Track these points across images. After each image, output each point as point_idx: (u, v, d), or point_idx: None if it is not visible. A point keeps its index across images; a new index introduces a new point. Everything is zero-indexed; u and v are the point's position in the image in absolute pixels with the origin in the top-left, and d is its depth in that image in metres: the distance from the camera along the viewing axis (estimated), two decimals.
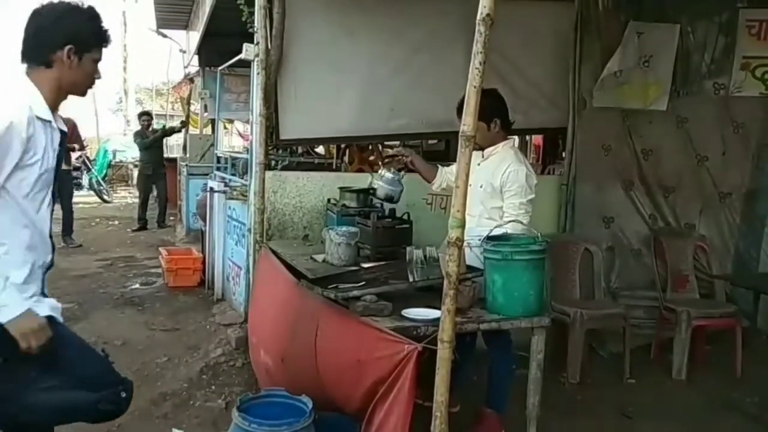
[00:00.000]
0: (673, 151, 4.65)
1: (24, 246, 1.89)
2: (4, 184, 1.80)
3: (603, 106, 4.52)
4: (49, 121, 1.89)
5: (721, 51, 4.62)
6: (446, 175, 3.44)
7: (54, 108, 1.94)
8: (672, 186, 4.66)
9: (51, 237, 1.98)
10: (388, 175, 3.36)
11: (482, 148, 3.18)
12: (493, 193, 3.12)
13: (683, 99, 4.63)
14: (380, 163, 3.50)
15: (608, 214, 4.61)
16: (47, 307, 1.95)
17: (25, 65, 1.93)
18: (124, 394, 2.10)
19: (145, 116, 10.22)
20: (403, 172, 3.41)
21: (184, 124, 10.91)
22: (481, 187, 3.12)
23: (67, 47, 1.88)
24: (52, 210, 1.98)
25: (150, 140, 9.56)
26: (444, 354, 2.01)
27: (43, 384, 1.97)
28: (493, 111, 3.14)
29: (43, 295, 2.01)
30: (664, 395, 3.82)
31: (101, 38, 1.97)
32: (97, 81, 2.01)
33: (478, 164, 3.16)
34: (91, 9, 1.97)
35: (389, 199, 3.41)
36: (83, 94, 2.03)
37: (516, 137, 9.58)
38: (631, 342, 4.02)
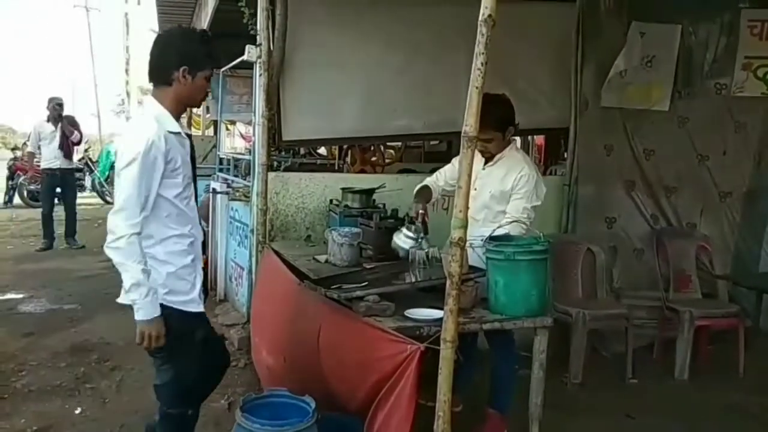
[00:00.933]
0: (675, 151, 4.65)
1: (186, 236, 2.26)
2: (159, 191, 2.14)
3: (606, 107, 4.53)
4: (179, 132, 2.21)
5: (722, 51, 4.62)
6: (438, 187, 3.34)
7: (176, 119, 2.26)
8: (673, 186, 4.67)
9: (199, 218, 2.37)
10: (408, 234, 2.99)
11: (493, 156, 3.14)
12: (501, 197, 3.08)
13: (685, 99, 4.63)
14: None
15: (610, 214, 4.61)
16: (202, 306, 2.35)
17: (152, 85, 2.28)
18: None
19: None
20: (419, 227, 3.00)
21: None
22: (489, 192, 3.09)
23: (182, 68, 2.18)
24: (196, 199, 2.38)
25: None
26: (446, 354, 2.02)
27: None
28: (508, 119, 3.09)
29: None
30: (667, 395, 3.81)
31: (211, 58, 2.26)
32: (209, 92, 2.36)
33: (483, 169, 3.13)
34: (202, 33, 2.31)
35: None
36: (198, 105, 2.48)
37: (518, 138, 9.59)
38: (634, 342, 4.02)
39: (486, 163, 3.15)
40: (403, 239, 2.99)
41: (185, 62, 2.18)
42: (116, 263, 2.11)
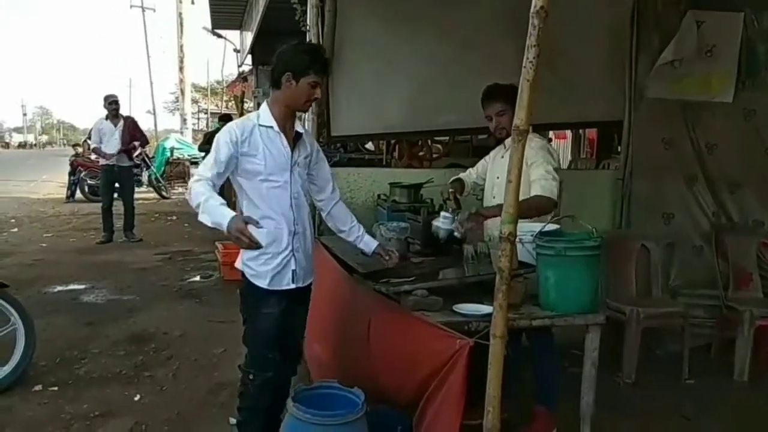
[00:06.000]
0: (740, 145, 4.43)
1: (259, 214, 2.52)
2: (239, 171, 2.52)
3: (661, 98, 4.38)
4: (270, 126, 2.55)
5: None
6: (470, 181, 3.50)
7: (284, 119, 2.58)
8: (738, 182, 4.46)
9: (293, 207, 2.59)
10: (445, 214, 3.13)
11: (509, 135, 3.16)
12: (524, 180, 3.05)
13: (749, 90, 4.42)
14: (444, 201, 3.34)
15: (668, 210, 4.45)
16: (278, 286, 2.59)
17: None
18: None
19: (223, 122, 10.26)
20: (453, 205, 3.21)
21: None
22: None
23: (287, 73, 2.50)
24: (295, 189, 2.61)
25: (205, 148, 9.95)
26: (496, 349, 2.00)
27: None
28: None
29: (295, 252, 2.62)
30: (725, 397, 3.68)
31: (312, 67, 2.50)
32: (315, 98, 2.60)
33: (502, 156, 3.21)
34: (308, 45, 2.65)
35: (451, 237, 3.15)
36: (304, 110, 2.72)
37: (569, 131, 9.40)
38: (691, 342, 3.89)
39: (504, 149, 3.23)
40: (441, 221, 3.10)
41: (289, 69, 2.49)
42: (191, 203, 2.45)
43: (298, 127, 2.65)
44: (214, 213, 2.32)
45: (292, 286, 2.62)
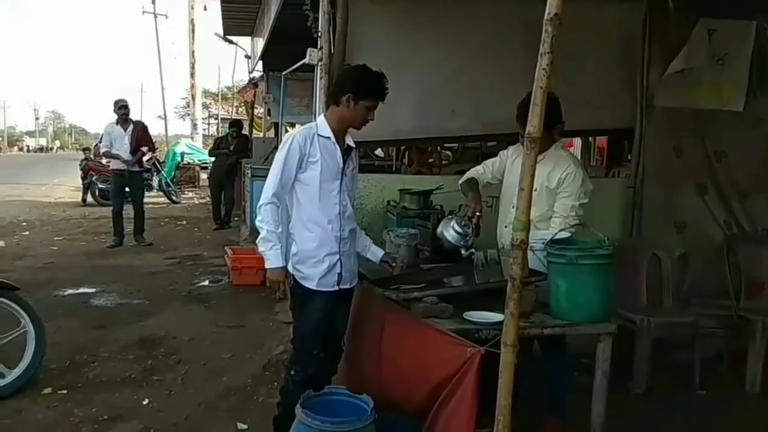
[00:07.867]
0: (750, 154, 4.43)
1: (315, 224, 2.71)
2: (297, 177, 2.68)
3: (671, 106, 4.36)
4: (328, 137, 2.72)
5: None
6: (484, 179, 3.44)
7: (339, 132, 2.76)
8: (748, 190, 4.44)
9: (341, 215, 2.75)
10: (457, 229, 3.05)
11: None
12: (548, 194, 3.07)
13: (760, 99, 4.41)
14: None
15: (681, 219, 4.42)
16: (326, 287, 2.72)
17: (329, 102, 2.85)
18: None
19: (234, 128, 10.32)
20: (472, 227, 3.08)
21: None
22: (535, 190, 3.04)
23: (347, 94, 2.69)
24: (344, 198, 2.78)
25: (215, 153, 10.08)
26: (507, 358, 1.99)
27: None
28: (556, 118, 3.02)
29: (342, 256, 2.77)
30: (736, 408, 3.64)
31: (373, 93, 2.71)
32: (369, 120, 2.79)
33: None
34: (374, 73, 2.73)
35: (455, 250, 3.09)
36: (358, 128, 2.82)
37: (579, 138, 9.36)
38: (702, 352, 3.86)
39: None
40: (451, 233, 3.06)
41: (350, 90, 2.68)
42: (256, 222, 2.70)
43: (350, 141, 2.83)
44: (270, 252, 2.65)
45: (338, 288, 2.74)
